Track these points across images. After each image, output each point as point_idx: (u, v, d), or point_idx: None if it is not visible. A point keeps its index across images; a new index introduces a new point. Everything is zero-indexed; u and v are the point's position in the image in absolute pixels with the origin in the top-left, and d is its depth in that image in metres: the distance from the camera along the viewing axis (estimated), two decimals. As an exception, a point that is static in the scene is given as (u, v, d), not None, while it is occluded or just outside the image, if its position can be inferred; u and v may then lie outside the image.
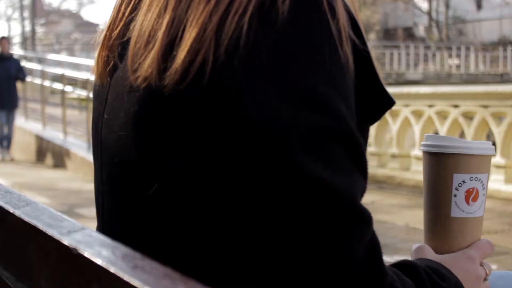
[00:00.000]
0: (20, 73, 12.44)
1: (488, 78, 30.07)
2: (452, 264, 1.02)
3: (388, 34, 44.89)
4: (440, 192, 1.09)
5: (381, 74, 0.89)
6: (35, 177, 9.91)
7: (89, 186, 8.32)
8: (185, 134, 0.80)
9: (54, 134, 11.97)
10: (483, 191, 1.09)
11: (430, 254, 1.07)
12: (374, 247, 0.80)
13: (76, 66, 15.10)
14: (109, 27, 0.95)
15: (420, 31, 46.88)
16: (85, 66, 14.33)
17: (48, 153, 11.52)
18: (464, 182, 1.07)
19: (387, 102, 0.90)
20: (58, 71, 13.38)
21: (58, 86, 13.07)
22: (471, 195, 1.07)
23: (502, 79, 28.89)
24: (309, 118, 0.76)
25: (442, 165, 1.08)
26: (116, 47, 0.92)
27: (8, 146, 12.36)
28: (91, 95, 1.01)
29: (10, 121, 12.35)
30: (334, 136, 0.78)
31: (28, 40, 38.45)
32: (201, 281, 0.78)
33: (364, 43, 0.85)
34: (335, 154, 0.78)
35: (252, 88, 0.76)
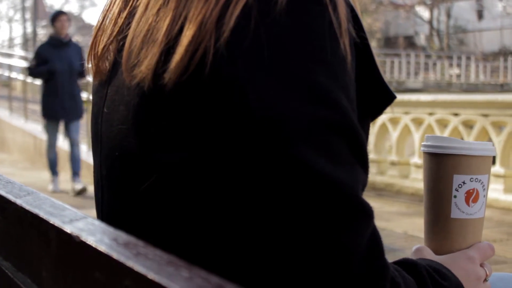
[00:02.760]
0: (82, 66, 7.60)
1: (488, 88, 30.11)
2: (452, 264, 1.02)
3: (389, 42, 44.95)
4: (440, 193, 1.08)
5: (381, 69, 0.89)
6: (34, 178, 9.90)
7: (88, 188, 8.33)
8: (186, 126, 0.79)
9: (53, 136, 11.95)
10: (484, 192, 1.08)
11: (429, 255, 1.07)
12: (375, 241, 0.80)
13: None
14: (101, 24, 0.96)
15: (421, 39, 46.97)
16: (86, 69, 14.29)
17: (47, 155, 11.51)
18: (464, 183, 1.06)
19: (388, 97, 0.90)
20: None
21: (58, 87, 13.02)
22: (471, 196, 1.07)
23: (503, 89, 28.93)
24: (310, 111, 0.76)
25: (442, 166, 1.08)
26: (116, 43, 0.92)
27: (77, 171, 8.44)
28: (91, 98, 1.01)
29: (73, 132, 8.38)
30: (335, 129, 0.77)
31: (30, 42, 38.53)
32: None
33: (364, 36, 0.85)
34: (336, 146, 0.77)
35: (253, 79, 0.76)
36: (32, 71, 8.39)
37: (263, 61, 0.76)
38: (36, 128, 12.75)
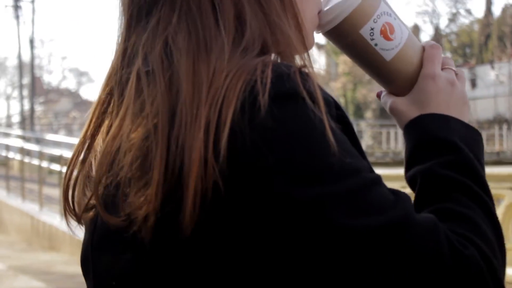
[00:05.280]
0: None
1: (485, 157, 30.09)
2: (424, 97, 1.04)
3: (384, 112, 45.11)
4: (363, 52, 1.06)
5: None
6: (31, 260, 9.81)
7: (85, 270, 8.18)
8: (210, 261, 0.79)
9: (51, 216, 11.89)
10: (393, 16, 1.05)
11: (401, 104, 1.07)
12: (448, 239, 0.82)
13: (74, 147, 15.11)
14: (75, 178, 0.97)
15: (416, 109, 47.21)
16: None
17: (45, 235, 11.43)
18: (372, 28, 1.04)
19: None
20: (56, 152, 13.30)
21: (56, 167, 12.98)
22: (387, 32, 1.04)
23: (499, 157, 29.01)
24: (340, 187, 0.78)
25: (345, 33, 1.04)
26: (95, 193, 0.87)
27: None
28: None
29: None
30: (368, 185, 0.80)
31: (27, 120, 38.76)
32: None
33: (347, 121, 0.85)
34: (378, 198, 0.80)
35: (274, 188, 0.77)
36: None
37: (274, 171, 0.77)
38: (34, 208, 12.71)
